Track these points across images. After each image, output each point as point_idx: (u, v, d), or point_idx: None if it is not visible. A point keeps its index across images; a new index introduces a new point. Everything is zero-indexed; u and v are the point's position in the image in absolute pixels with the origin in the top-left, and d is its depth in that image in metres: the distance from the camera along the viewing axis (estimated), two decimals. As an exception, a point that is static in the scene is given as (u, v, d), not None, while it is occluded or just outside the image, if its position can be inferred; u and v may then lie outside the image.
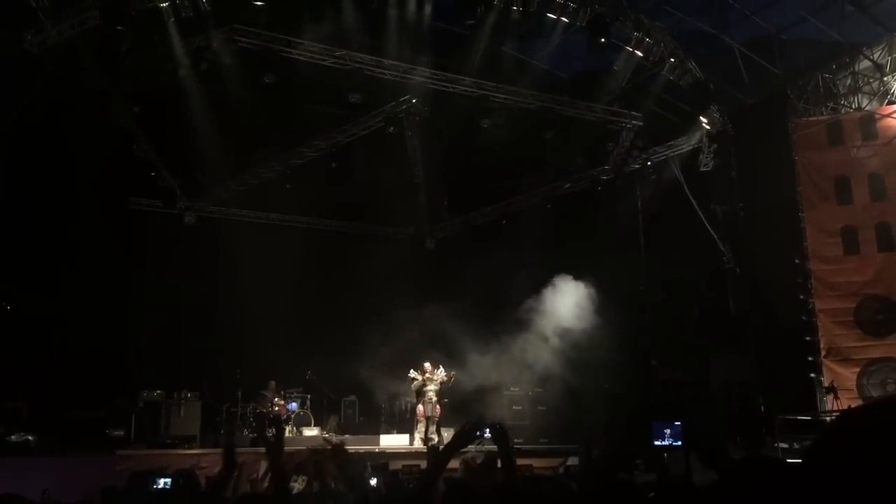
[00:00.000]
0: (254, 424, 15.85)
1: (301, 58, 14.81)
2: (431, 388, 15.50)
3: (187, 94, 14.74)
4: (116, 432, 13.73)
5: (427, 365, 15.63)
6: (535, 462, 13.83)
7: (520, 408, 17.51)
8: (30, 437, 12.51)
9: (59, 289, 15.15)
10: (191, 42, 13.81)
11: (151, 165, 16.50)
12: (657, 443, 4.11)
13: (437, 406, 15.47)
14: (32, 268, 14.74)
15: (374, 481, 5.73)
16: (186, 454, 12.69)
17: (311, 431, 15.95)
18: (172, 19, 12.98)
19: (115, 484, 7.32)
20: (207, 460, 11.88)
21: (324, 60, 15.00)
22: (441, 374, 15.61)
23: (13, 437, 12.44)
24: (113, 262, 15.97)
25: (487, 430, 4.27)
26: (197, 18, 13.11)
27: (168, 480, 4.33)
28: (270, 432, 13.77)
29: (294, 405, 16.44)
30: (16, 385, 13.54)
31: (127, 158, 15.59)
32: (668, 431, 4.12)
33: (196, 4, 12.81)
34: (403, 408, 17.19)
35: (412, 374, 15.62)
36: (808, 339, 15.61)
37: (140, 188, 17.09)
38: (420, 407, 15.46)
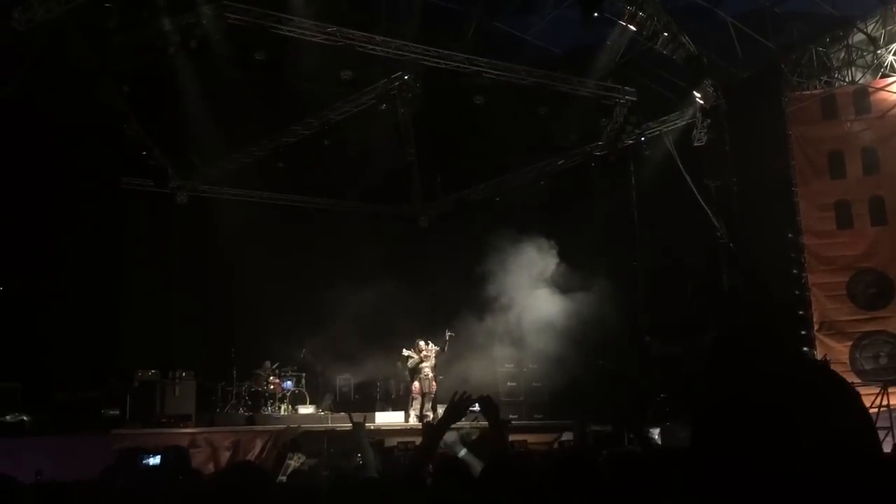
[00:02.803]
0: (249, 403, 15.91)
1: (292, 34, 14.68)
2: (427, 365, 15.58)
3: (177, 72, 14.63)
4: (111, 412, 13.73)
5: (421, 343, 15.68)
6: (530, 438, 13.92)
7: (514, 384, 17.60)
8: (24, 418, 12.50)
9: (51, 269, 15.09)
10: (180, 19, 13.67)
11: (142, 145, 16.39)
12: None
13: (433, 383, 15.54)
14: (24, 248, 14.67)
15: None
16: (182, 433, 12.72)
17: (306, 409, 16.01)
18: (161, -5, 12.87)
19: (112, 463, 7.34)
20: (203, 439, 11.93)
21: (315, 37, 14.87)
22: (434, 348, 15.67)
23: (8, 417, 12.44)
24: (106, 241, 15.93)
25: (476, 403, 4.29)
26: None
27: (158, 458, 4.33)
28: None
29: (289, 384, 16.49)
30: (10, 366, 13.53)
31: (117, 138, 15.50)
32: None
33: (185, -20, 12.69)
34: (398, 385, 17.25)
35: (406, 352, 15.66)
36: (801, 313, 15.66)
37: (131, 168, 16.98)
38: (416, 384, 15.53)
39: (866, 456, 1.14)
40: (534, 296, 17.78)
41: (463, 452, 4.18)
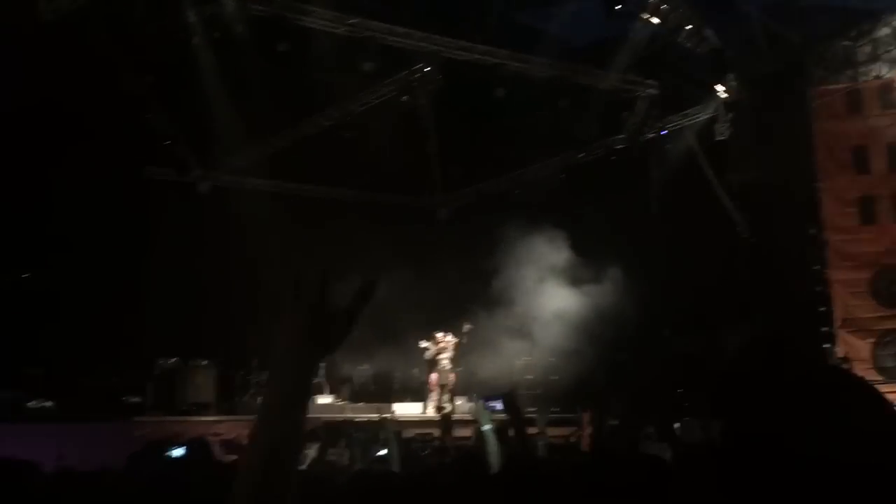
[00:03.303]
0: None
1: (314, 26, 14.73)
2: (445, 357, 15.62)
3: (201, 62, 14.71)
4: (133, 399, 13.90)
5: (438, 334, 15.71)
6: (548, 431, 13.91)
7: (532, 377, 17.59)
8: (47, 404, 12.67)
9: (74, 257, 15.22)
10: (204, 10, 13.75)
11: (165, 134, 16.51)
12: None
13: (451, 374, 15.59)
14: (47, 237, 14.83)
15: (384, 451, 5.79)
16: (202, 421, 12.86)
17: (324, 399, 16.09)
18: (185, -13, 12.94)
19: (136, 450, 7.43)
20: (223, 428, 12.04)
21: (337, 28, 14.90)
22: (452, 340, 15.71)
23: (31, 403, 12.61)
24: (129, 230, 16.04)
25: (500, 400, 4.31)
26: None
27: (182, 449, 4.40)
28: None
29: (308, 373, 16.57)
30: (34, 351, 13.70)
31: (141, 127, 15.61)
32: None
33: (209, -28, 12.76)
34: (417, 376, 17.30)
35: (424, 343, 15.71)
36: (822, 309, 15.55)
37: (154, 157, 17.10)
38: (434, 375, 15.58)
39: None
40: (552, 289, 17.77)
41: (488, 427, 4.20)
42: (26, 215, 14.33)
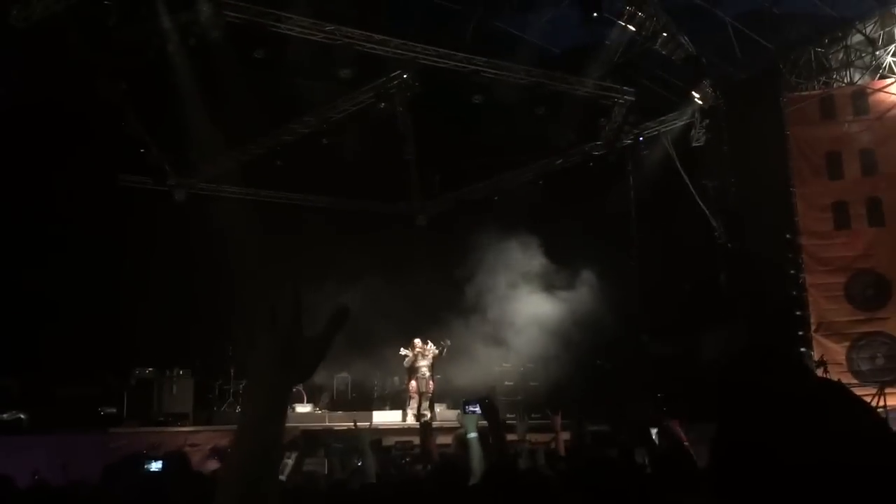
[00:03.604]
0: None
1: (291, 32, 14.67)
2: (424, 364, 15.57)
3: (176, 69, 14.60)
4: (109, 410, 13.74)
5: (417, 341, 15.68)
6: (529, 437, 13.89)
7: (511, 383, 17.59)
8: (21, 416, 12.49)
9: (48, 265, 15.04)
10: (179, 17, 13.65)
11: (140, 142, 16.37)
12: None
13: (430, 382, 15.54)
14: (20, 244, 14.63)
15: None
16: (179, 432, 12.72)
17: (303, 408, 15.99)
18: (160, -7, 12.84)
19: (112, 462, 7.32)
20: (200, 438, 11.92)
21: (314, 35, 14.86)
22: (432, 348, 15.67)
23: (4, 415, 12.42)
24: (103, 238, 15.87)
25: (477, 405, 4.29)
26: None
27: (160, 463, 4.34)
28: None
29: (286, 382, 16.44)
30: (6, 363, 13.50)
31: (115, 135, 15.47)
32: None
33: (184, -22, 12.68)
34: (396, 384, 17.25)
35: (403, 351, 15.66)
36: (798, 313, 15.68)
37: (129, 165, 16.96)
38: (413, 383, 15.53)
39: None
40: (531, 295, 17.80)
41: (473, 436, 4.18)
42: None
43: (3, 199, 14.22)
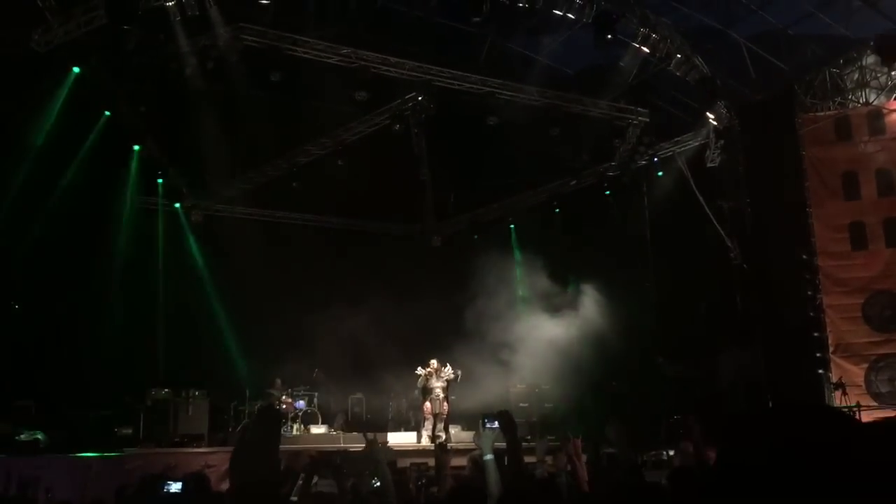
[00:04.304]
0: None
1: (307, 56, 14.83)
2: (438, 385, 15.48)
3: (194, 92, 14.75)
4: (125, 431, 13.77)
5: (434, 362, 15.61)
6: (548, 459, 13.80)
7: (526, 405, 17.48)
8: (39, 437, 12.53)
9: (65, 288, 15.16)
10: (197, 41, 13.82)
11: (159, 164, 16.55)
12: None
13: (445, 403, 15.46)
14: (38, 267, 14.75)
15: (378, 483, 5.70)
16: (195, 453, 12.72)
17: (318, 429, 15.98)
18: (179, 18, 13.01)
19: (126, 483, 7.34)
20: (215, 459, 11.91)
21: (329, 58, 15.01)
22: (448, 371, 15.60)
23: (22, 435, 12.47)
24: (121, 260, 16.01)
25: (495, 420, 4.27)
26: (203, 17, 13.13)
27: (179, 485, 4.34)
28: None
29: (301, 403, 16.45)
30: (24, 384, 13.59)
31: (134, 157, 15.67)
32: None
33: (202, 3, 12.85)
34: (411, 405, 17.19)
35: (419, 370, 15.62)
36: (815, 334, 15.54)
37: (147, 186, 17.12)
38: (427, 404, 15.45)
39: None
40: (545, 316, 17.76)
41: (489, 457, 4.17)
42: (19, 244, 14.22)
43: (20, 218, 14.31)
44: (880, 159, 15.66)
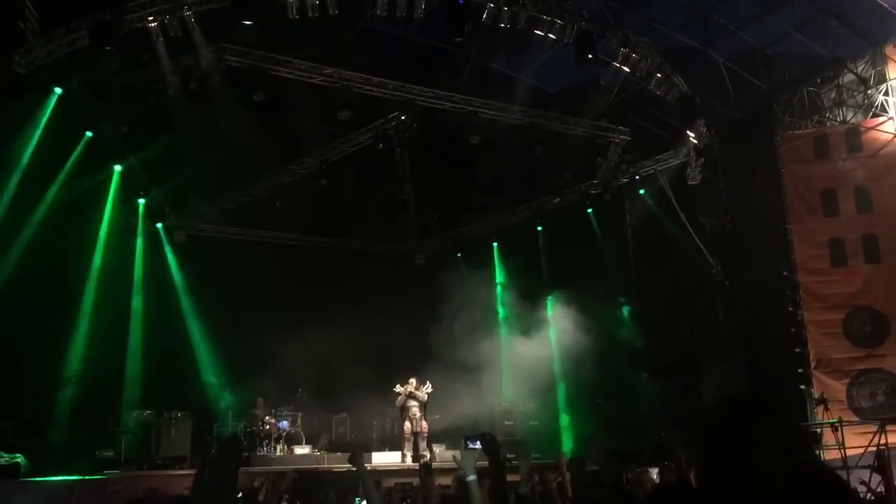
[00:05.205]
0: (244, 444, 15.74)
1: (290, 76, 14.88)
2: (414, 404, 15.41)
3: (176, 112, 14.74)
4: (106, 453, 13.61)
5: (412, 380, 15.57)
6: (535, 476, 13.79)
7: (511, 423, 17.49)
8: (19, 460, 12.37)
9: (45, 307, 15.02)
10: (180, 61, 13.83)
11: (141, 184, 16.51)
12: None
13: (423, 422, 15.39)
14: (18, 287, 14.59)
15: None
16: (178, 475, 12.59)
17: (302, 450, 15.87)
18: (161, 39, 13.01)
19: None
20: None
21: (313, 78, 15.06)
22: (426, 389, 15.56)
23: (2, 459, 12.31)
24: (102, 280, 15.89)
25: (478, 441, 4.27)
26: (186, 38, 13.14)
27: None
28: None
29: (285, 423, 16.35)
30: (3, 407, 13.41)
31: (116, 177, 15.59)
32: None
33: (185, 24, 12.86)
34: (393, 425, 17.14)
35: (397, 388, 15.58)
36: (797, 350, 15.64)
37: (129, 207, 17.03)
38: (406, 424, 15.40)
39: None
40: (529, 333, 17.80)
41: (472, 478, 4.16)
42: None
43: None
44: (858, 176, 15.84)
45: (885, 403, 14.75)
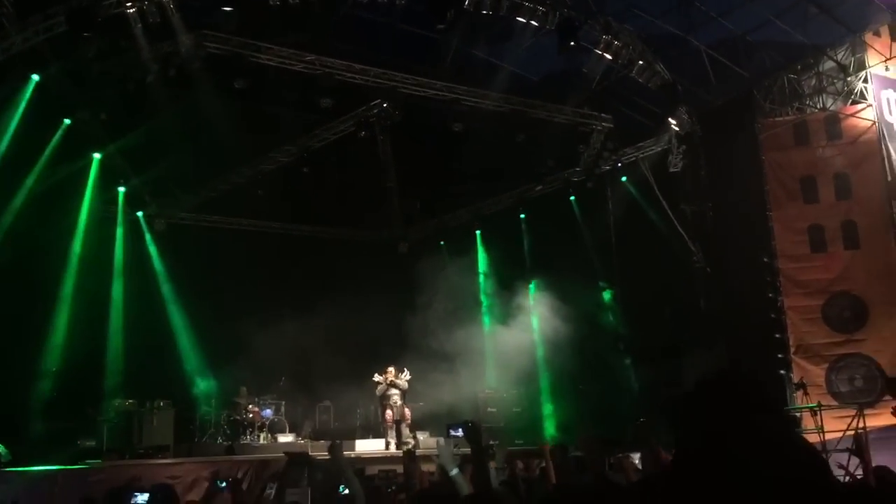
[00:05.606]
0: (228, 432, 15.74)
1: (271, 63, 14.76)
2: (395, 392, 15.45)
3: (156, 100, 14.59)
4: (88, 443, 13.54)
5: (391, 369, 15.58)
6: (518, 463, 13.84)
7: (495, 410, 17.56)
8: (0, 451, 12.28)
9: (26, 297, 14.89)
10: (159, 48, 13.68)
11: (121, 172, 16.36)
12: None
13: (405, 409, 15.43)
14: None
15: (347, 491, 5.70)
16: (160, 464, 12.56)
17: (285, 438, 15.87)
18: (140, 25, 12.85)
19: (91, 495, 7.24)
20: (181, 470, 11.78)
21: (294, 65, 14.95)
22: (406, 377, 15.59)
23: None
24: (82, 268, 15.78)
25: (460, 428, 4.29)
26: (165, 24, 13.00)
27: (146, 496, 4.30)
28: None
29: (268, 412, 16.33)
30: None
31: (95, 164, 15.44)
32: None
33: (164, 10, 12.72)
34: (377, 412, 17.16)
35: (376, 377, 15.59)
36: (777, 336, 15.80)
37: (109, 195, 16.90)
38: (388, 412, 15.43)
39: None
40: (512, 321, 17.85)
41: (455, 472, 4.18)
42: None
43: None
44: (838, 163, 15.97)
45: (864, 388, 14.94)
